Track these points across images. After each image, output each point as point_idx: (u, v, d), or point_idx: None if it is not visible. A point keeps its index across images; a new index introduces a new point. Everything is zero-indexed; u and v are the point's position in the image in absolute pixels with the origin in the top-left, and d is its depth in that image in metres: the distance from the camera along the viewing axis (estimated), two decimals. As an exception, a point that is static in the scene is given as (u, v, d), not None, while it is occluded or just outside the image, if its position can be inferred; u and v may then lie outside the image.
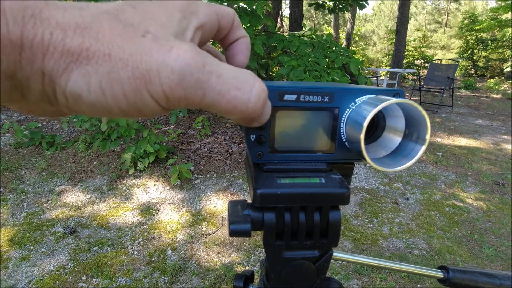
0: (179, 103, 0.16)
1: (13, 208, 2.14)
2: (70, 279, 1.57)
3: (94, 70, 0.14)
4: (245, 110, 0.17)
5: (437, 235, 2.03)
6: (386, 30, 20.24)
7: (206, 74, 0.16)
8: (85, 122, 2.77)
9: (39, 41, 0.14)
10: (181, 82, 0.15)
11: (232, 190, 2.50)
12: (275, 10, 5.33)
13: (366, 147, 0.26)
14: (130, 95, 0.15)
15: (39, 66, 0.14)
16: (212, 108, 0.17)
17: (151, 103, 0.16)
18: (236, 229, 0.27)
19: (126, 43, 0.15)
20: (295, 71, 2.77)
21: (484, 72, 13.69)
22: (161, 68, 0.15)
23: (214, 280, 1.59)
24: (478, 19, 13.80)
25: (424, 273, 0.41)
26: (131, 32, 0.15)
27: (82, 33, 0.14)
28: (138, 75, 0.15)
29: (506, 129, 4.78)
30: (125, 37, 0.15)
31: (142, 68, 0.15)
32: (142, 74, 0.15)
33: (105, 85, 0.15)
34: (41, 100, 0.15)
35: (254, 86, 0.17)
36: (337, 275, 1.65)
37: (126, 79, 0.15)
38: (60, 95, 0.15)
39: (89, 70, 0.14)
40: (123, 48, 0.15)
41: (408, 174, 2.97)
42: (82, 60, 0.14)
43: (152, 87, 0.15)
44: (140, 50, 0.15)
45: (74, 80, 0.14)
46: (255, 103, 0.17)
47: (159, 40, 0.16)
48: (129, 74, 0.15)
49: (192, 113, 3.98)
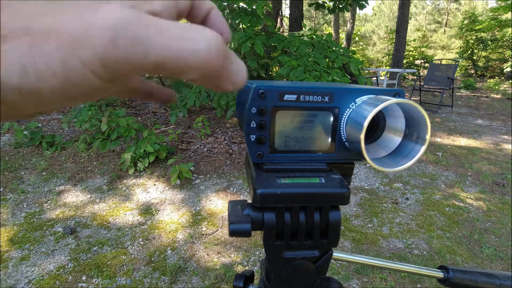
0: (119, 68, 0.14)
1: (13, 208, 2.14)
2: (70, 279, 1.57)
3: (11, 49, 0.12)
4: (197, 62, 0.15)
5: (437, 235, 2.03)
6: (386, 30, 20.24)
7: (143, 27, 0.13)
8: (85, 122, 2.77)
9: None
10: (115, 40, 0.13)
11: (232, 190, 2.50)
12: (275, 10, 5.34)
13: (366, 147, 0.26)
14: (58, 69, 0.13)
15: None
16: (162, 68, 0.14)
17: (86, 74, 0.13)
18: (236, 229, 0.27)
19: (49, 14, 0.13)
20: (295, 71, 2.77)
21: (484, 72, 13.69)
22: (89, 28, 0.13)
23: (214, 280, 1.59)
24: (478, 19, 13.80)
25: (424, 273, 0.41)
26: (57, 7, 0.13)
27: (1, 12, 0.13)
28: (63, 43, 0.13)
29: (506, 129, 4.78)
30: (48, 9, 0.13)
31: (68, 35, 0.13)
32: (68, 41, 0.13)
33: (26, 62, 0.13)
34: None
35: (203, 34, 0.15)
36: (337, 275, 1.65)
37: (51, 50, 0.13)
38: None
39: (5, 49, 0.12)
40: (45, 19, 0.13)
41: (408, 174, 2.97)
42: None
43: (83, 53, 0.13)
44: (63, 17, 0.13)
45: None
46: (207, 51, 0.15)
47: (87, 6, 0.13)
48: (53, 44, 0.13)
49: (192, 113, 3.98)
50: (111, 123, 2.69)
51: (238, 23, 3.11)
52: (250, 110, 0.28)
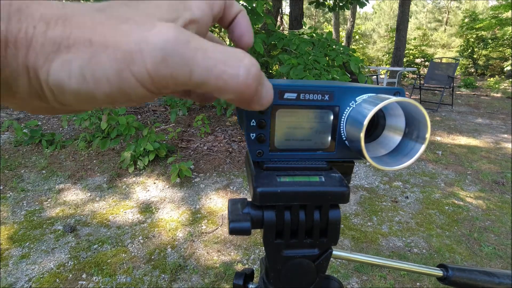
0: (166, 84, 0.15)
1: (13, 206, 2.15)
2: (70, 277, 1.57)
3: (75, 57, 0.14)
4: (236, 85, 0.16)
5: (437, 234, 2.03)
6: (387, 29, 20.20)
7: (191, 50, 0.15)
8: (85, 120, 2.77)
9: (23, 36, 0.13)
10: (165, 59, 0.14)
11: (232, 188, 2.50)
12: (275, 8, 5.32)
13: (366, 145, 0.26)
14: (113, 79, 0.14)
15: (23, 61, 0.14)
16: (203, 87, 0.16)
17: (135, 85, 0.15)
18: (236, 228, 0.27)
19: (108, 29, 0.15)
20: (295, 69, 2.76)
21: (484, 71, 13.68)
22: (143, 46, 0.14)
23: (214, 278, 1.59)
24: (479, 18, 13.77)
25: (424, 271, 0.41)
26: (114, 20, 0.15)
27: (64, 23, 0.14)
28: (119, 56, 0.14)
29: (506, 128, 4.78)
30: (107, 24, 0.15)
31: (123, 49, 0.14)
32: (124, 55, 0.14)
33: (86, 70, 0.14)
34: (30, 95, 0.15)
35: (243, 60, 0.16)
36: (337, 273, 1.66)
37: (108, 62, 0.14)
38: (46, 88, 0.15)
39: (69, 57, 0.14)
40: (104, 34, 0.14)
41: (408, 172, 2.98)
42: (62, 49, 0.14)
43: (135, 67, 0.14)
44: (121, 33, 0.14)
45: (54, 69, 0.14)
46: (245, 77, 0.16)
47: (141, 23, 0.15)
48: (110, 57, 0.14)
49: (192, 112, 3.98)
50: (111, 121, 2.69)
51: (238, 21, 3.09)
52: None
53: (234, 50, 0.17)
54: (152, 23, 0.15)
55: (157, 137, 2.73)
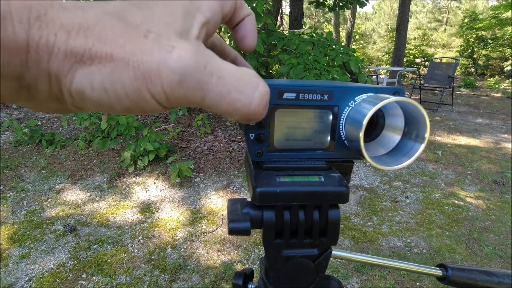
0: (180, 102, 0.16)
1: (13, 206, 2.15)
2: (70, 277, 1.57)
3: (97, 70, 0.15)
4: (246, 112, 0.17)
5: (437, 234, 2.03)
6: (387, 29, 20.20)
7: (207, 75, 0.16)
8: (85, 120, 2.77)
9: (44, 43, 0.14)
10: (182, 82, 0.15)
11: (232, 188, 2.50)
12: (275, 8, 5.32)
13: (365, 145, 0.26)
14: (132, 94, 0.15)
15: (45, 67, 0.14)
16: (213, 108, 0.17)
17: (152, 102, 0.16)
18: (235, 228, 0.27)
19: (128, 42, 0.15)
20: (295, 69, 2.76)
21: (484, 71, 13.68)
22: (161, 68, 0.15)
23: (213, 278, 1.59)
24: (479, 18, 13.76)
25: (423, 271, 0.41)
26: (133, 32, 0.15)
27: (85, 33, 0.14)
28: (139, 75, 0.15)
29: (506, 128, 4.78)
30: (127, 37, 0.15)
31: (143, 68, 0.15)
32: (143, 74, 0.15)
33: (107, 84, 0.15)
34: (49, 99, 0.16)
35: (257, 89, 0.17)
36: (337, 273, 1.66)
37: (128, 79, 0.15)
38: (66, 94, 0.15)
39: (92, 69, 0.15)
40: (124, 48, 0.15)
41: (407, 172, 2.98)
42: (86, 60, 0.14)
43: (153, 87, 0.15)
44: (141, 50, 0.15)
45: (78, 79, 0.15)
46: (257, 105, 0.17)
47: (161, 40, 0.15)
48: (131, 74, 0.15)
49: (192, 111, 3.98)
50: (111, 121, 2.69)
51: (238, 21, 3.09)
52: None
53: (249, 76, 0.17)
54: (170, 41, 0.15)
55: (157, 137, 2.73)
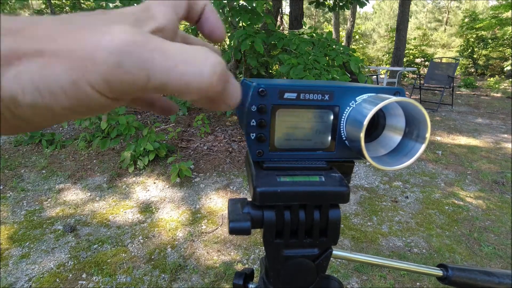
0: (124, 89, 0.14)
1: (13, 206, 2.15)
2: (70, 276, 1.57)
3: (25, 69, 0.13)
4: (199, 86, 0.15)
5: (437, 234, 2.03)
6: (387, 29, 20.19)
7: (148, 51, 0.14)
8: (85, 120, 2.77)
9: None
10: (120, 63, 0.13)
11: (232, 188, 2.50)
12: (275, 8, 5.32)
13: (366, 145, 0.26)
14: (69, 90, 0.13)
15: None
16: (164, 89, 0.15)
17: (93, 94, 0.14)
18: (236, 227, 0.27)
19: (61, 36, 0.14)
20: (295, 69, 2.76)
21: (485, 71, 13.67)
22: (96, 52, 0.13)
23: (214, 278, 1.59)
24: (479, 18, 13.76)
25: (424, 271, 0.41)
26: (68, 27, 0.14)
27: (15, 35, 0.13)
28: (73, 65, 0.13)
29: (506, 127, 4.78)
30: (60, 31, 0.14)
31: (76, 57, 0.13)
32: (78, 63, 0.13)
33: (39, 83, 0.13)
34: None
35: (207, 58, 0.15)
36: (337, 273, 1.66)
37: (62, 72, 0.13)
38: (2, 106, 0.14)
39: (20, 70, 0.13)
40: (56, 42, 0.13)
41: (407, 172, 2.98)
42: (13, 62, 0.13)
43: (90, 75, 0.13)
44: (75, 39, 0.13)
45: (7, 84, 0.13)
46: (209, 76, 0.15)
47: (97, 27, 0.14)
48: (64, 67, 0.13)
49: (192, 111, 3.98)
50: (111, 121, 2.69)
51: (238, 21, 3.10)
52: (250, 108, 0.28)
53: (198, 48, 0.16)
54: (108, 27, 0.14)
55: (157, 137, 2.73)
